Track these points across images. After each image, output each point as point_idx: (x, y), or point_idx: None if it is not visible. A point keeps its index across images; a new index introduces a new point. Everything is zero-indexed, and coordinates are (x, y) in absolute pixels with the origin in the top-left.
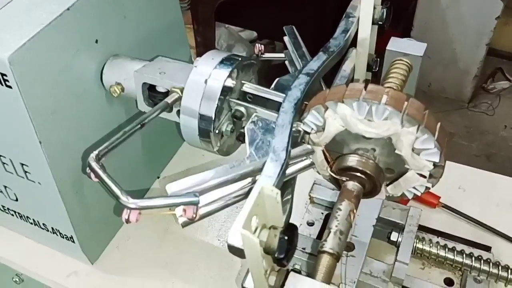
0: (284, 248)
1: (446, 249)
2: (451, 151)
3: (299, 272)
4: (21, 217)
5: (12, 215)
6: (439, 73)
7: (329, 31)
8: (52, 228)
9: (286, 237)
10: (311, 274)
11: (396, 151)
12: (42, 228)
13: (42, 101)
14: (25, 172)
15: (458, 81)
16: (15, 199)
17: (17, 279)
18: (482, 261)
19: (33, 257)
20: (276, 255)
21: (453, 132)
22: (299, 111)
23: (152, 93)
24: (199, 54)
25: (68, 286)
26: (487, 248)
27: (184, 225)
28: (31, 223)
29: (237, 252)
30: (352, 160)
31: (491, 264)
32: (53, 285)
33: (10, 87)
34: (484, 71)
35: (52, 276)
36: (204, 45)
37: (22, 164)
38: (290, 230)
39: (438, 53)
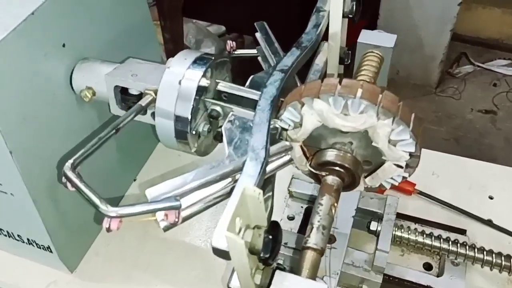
0: (269, 247)
1: (424, 235)
2: (421, 136)
3: (283, 268)
4: None
5: None
6: (406, 60)
7: (295, 25)
8: (28, 239)
9: (270, 236)
10: (296, 270)
11: (373, 144)
12: (17, 240)
13: (11, 108)
14: None
15: (424, 67)
16: None
17: None
18: (458, 245)
19: (8, 269)
20: (261, 255)
21: (422, 118)
22: (276, 108)
23: (124, 96)
24: (168, 50)
25: None
26: (463, 231)
27: (166, 229)
28: (5, 235)
29: (222, 254)
30: (331, 155)
31: (467, 247)
32: None
33: None
34: (449, 56)
35: (30, 287)
36: (173, 41)
37: None
38: (274, 229)
39: (404, 40)
